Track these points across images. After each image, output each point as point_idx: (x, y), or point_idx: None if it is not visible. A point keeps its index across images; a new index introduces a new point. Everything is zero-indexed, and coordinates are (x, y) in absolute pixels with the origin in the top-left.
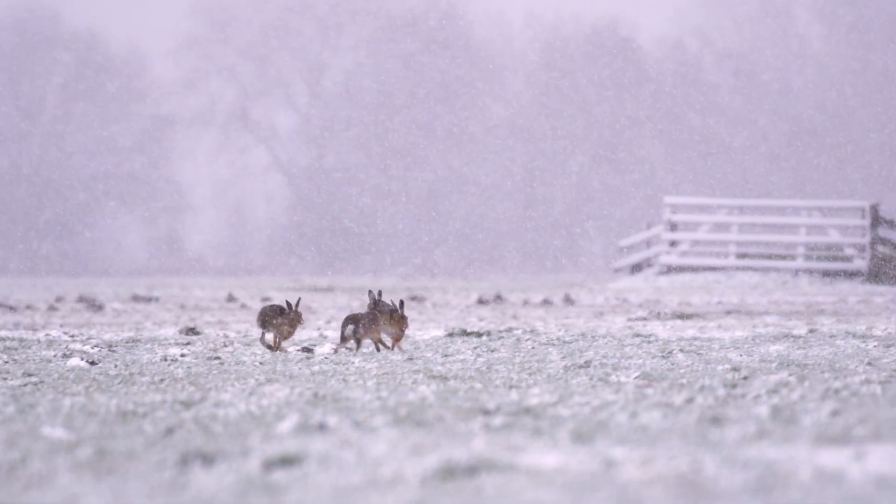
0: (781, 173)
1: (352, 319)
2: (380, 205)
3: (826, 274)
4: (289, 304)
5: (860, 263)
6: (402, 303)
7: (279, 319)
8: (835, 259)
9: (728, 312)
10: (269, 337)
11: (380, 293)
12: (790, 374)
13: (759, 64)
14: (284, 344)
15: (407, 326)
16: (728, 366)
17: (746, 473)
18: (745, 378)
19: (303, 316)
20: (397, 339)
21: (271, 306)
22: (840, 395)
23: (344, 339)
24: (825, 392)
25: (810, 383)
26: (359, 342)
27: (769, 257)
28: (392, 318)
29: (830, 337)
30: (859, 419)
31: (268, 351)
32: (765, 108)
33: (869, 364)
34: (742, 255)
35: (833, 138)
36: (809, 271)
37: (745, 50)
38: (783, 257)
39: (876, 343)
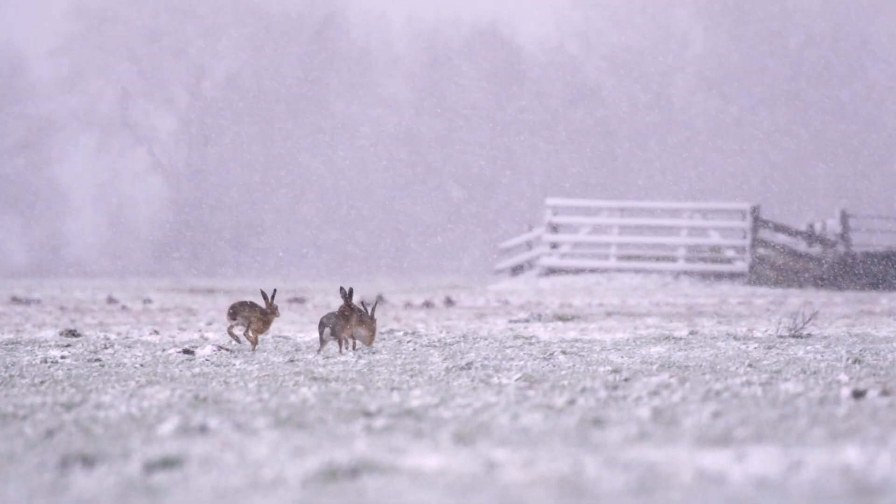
0: (663, 175)
1: (325, 322)
2: (261, 207)
3: (707, 276)
4: (265, 295)
5: (741, 265)
6: (375, 305)
7: (248, 312)
8: (716, 261)
9: (609, 314)
10: (237, 330)
11: (350, 291)
12: (671, 376)
13: (641, 65)
14: (260, 336)
15: (376, 329)
16: (609, 367)
17: (628, 475)
18: (626, 380)
19: (278, 309)
20: (369, 341)
21: (241, 301)
22: (721, 396)
23: (322, 342)
24: (706, 394)
25: (691, 385)
26: (340, 341)
27: (650, 259)
28: (363, 321)
29: (711, 339)
30: (740, 421)
31: (149, 352)
32: (646, 109)
33: (750, 366)
34: (623, 257)
35: (714, 140)
36: (690, 273)
37: (627, 51)
38: (664, 259)
39: (756, 345)
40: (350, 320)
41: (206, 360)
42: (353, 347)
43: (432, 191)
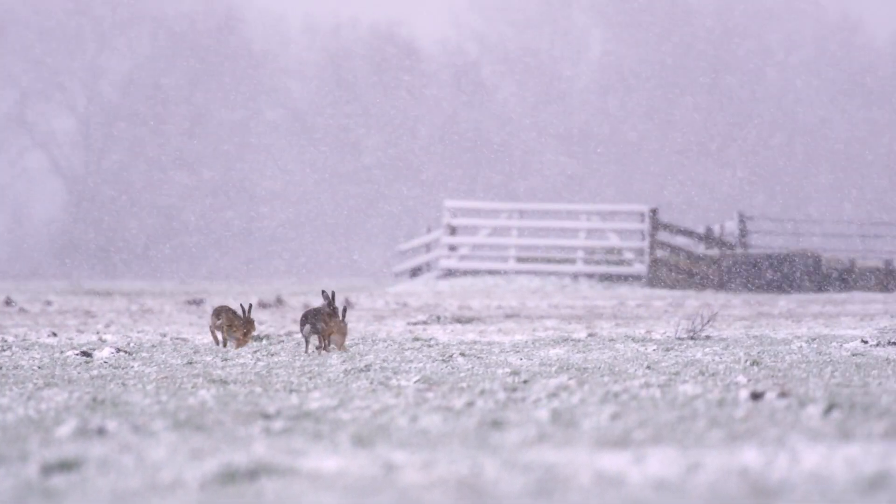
0: (561, 177)
1: (312, 321)
2: (158, 209)
3: (606, 278)
4: (243, 308)
5: (639, 267)
6: (345, 309)
7: (231, 315)
8: (614, 263)
9: (508, 316)
10: (220, 335)
11: (333, 294)
12: (570, 378)
13: (539, 67)
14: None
15: (347, 331)
16: (508, 369)
17: (527, 477)
18: (525, 382)
19: (255, 323)
20: (340, 343)
21: (226, 307)
22: (620, 398)
23: (306, 340)
24: (605, 396)
25: (590, 387)
26: (321, 339)
27: (549, 261)
28: (335, 322)
29: (610, 340)
30: (639, 422)
31: (47, 354)
32: (545, 111)
33: (648, 368)
34: (522, 259)
35: (613, 142)
36: (589, 275)
37: (525, 53)
38: (563, 261)
39: (655, 347)
40: (335, 319)
41: (105, 362)
42: (327, 348)
43: (331, 192)
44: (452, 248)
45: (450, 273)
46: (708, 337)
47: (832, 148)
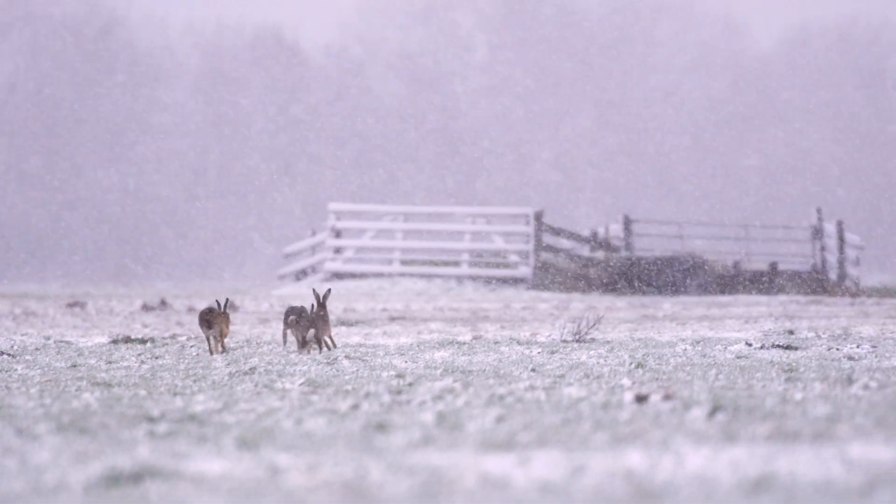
0: (447, 180)
1: (306, 323)
2: (42, 211)
3: (491, 280)
4: (219, 304)
5: (524, 270)
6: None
7: (220, 318)
8: (499, 266)
9: (393, 319)
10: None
11: (324, 295)
12: (455, 381)
13: (424, 70)
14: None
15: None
16: (393, 372)
17: (412, 479)
18: (410, 384)
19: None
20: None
21: (210, 307)
22: (505, 401)
23: (306, 342)
24: (490, 398)
25: (475, 390)
26: (319, 342)
27: (434, 264)
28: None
29: (495, 343)
30: (524, 425)
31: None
32: (431, 113)
33: (533, 370)
34: (407, 262)
35: (499, 145)
36: (474, 278)
37: (410, 56)
38: (448, 264)
39: (540, 349)
40: (328, 321)
41: None
42: (311, 349)
43: (217, 195)
44: (337, 250)
45: (335, 276)
46: (593, 339)
47: (716, 151)
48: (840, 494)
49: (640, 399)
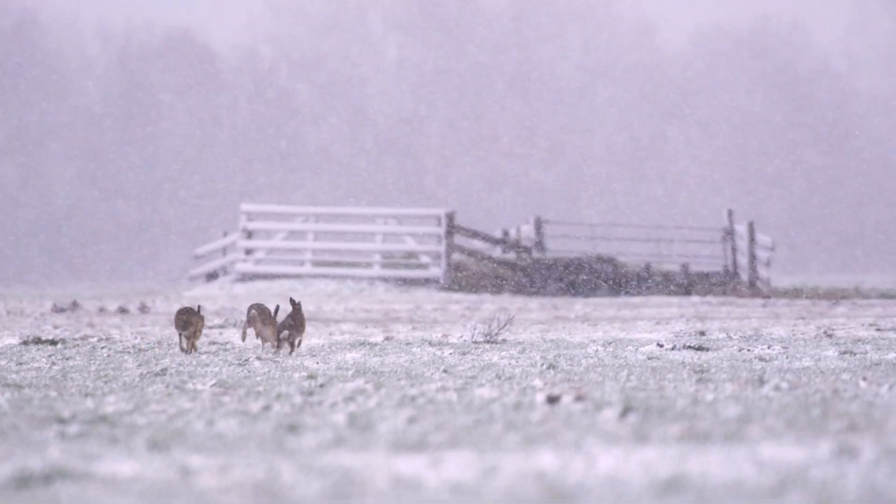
0: (359, 181)
1: (284, 325)
2: None
3: (402, 281)
4: (199, 308)
5: (436, 271)
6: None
7: (195, 319)
8: (411, 267)
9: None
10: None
11: (299, 303)
12: (367, 382)
13: (336, 71)
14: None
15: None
16: (305, 373)
17: (323, 481)
18: (321, 386)
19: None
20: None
21: (188, 308)
22: (416, 402)
23: (280, 341)
24: (402, 399)
25: (387, 391)
26: (292, 344)
27: (346, 265)
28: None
29: (406, 344)
30: (435, 426)
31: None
32: (343, 114)
33: (445, 371)
34: (319, 263)
35: (410, 145)
36: (386, 279)
37: (320, 57)
38: (360, 265)
39: (452, 350)
40: (303, 324)
41: None
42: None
43: (127, 196)
44: (248, 251)
45: (246, 277)
46: (504, 341)
47: (628, 153)
48: (751, 495)
49: (552, 400)
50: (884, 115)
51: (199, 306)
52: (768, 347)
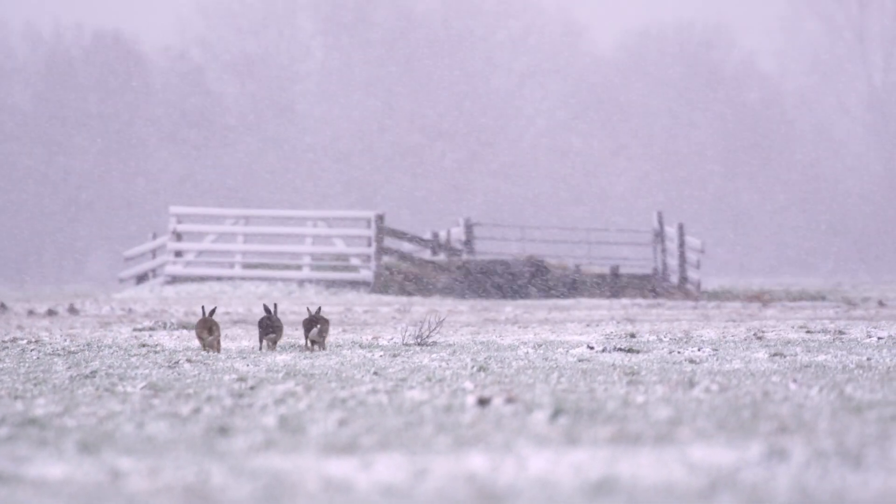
0: (289, 183)
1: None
2: None
3: (333, 284)
4: (212, 311)
5: (366, 273)
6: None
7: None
8: (341, 269)
9: (235, 322)
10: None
11: (275, 306)
12: (297, 384)
13: (265, 73)
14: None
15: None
16: (235, 376)
17: (254, 483)
18: (252, 388)
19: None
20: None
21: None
22: (347, 404)
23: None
24: (332, 402)
25: (317, 393)
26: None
27: (276, 267)
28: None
29: (337, 347)
30: (366, 428)
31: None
32: (272, 116)
33: (375, 374)
34: (248, 265)
35: (339, 148)
36: (316, 281)
37: (249, 59)
38: (290, 267)
39: (382, 353)
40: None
41: None
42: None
43: (57, 198)
44: (178, 254)
45: (176, 279)
46: (435, 343)
47: (558, 154)
48: (681, 497)
49: (483, 402)
50: (811, 114)
51: (213, 310)
52: (698, 350)
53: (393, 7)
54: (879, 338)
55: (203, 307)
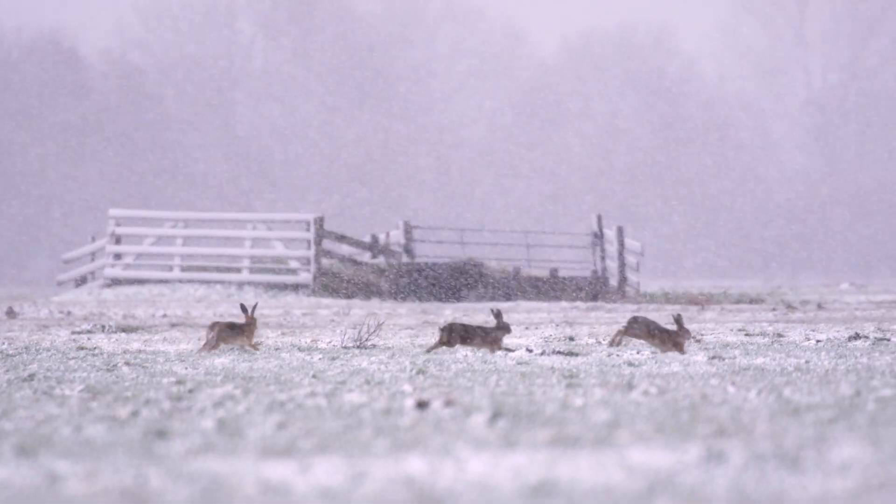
0: (228, 186)
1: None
2: None
3: (272, 286)
4: (244, 308)
5: (305, 276)
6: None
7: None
8: (280, 272)
9: (174, 325)
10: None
11: (255, 307)
12: (235, 387)
13: (204, 75)
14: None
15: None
16: (174, 379)
17: (192, 487)
18: (190, 391)
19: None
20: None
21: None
22: (286, 407)
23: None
24: (271, 405)
25: (256, 396)
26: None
27: (215, 270)
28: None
29: (276, 350)
30: (305, 431)
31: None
32: (212, 118)
33: (314, 377)
34: (188, 268)
35: (281, 152)
36: (255, 284)
37: (189, 62)
38: (229, 270)
39: (321, 356)
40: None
41: None
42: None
43: None
44: (117, 256)
45: (115, 282)
46: (374, 346)
47: (499, 158)
48: (620, 499)
49: (422, 405)
50: (750, 117)
51: (255, 305)
52: (637, 352)
53: (334, 10)
54: (818, 340)
55: (242, 305)
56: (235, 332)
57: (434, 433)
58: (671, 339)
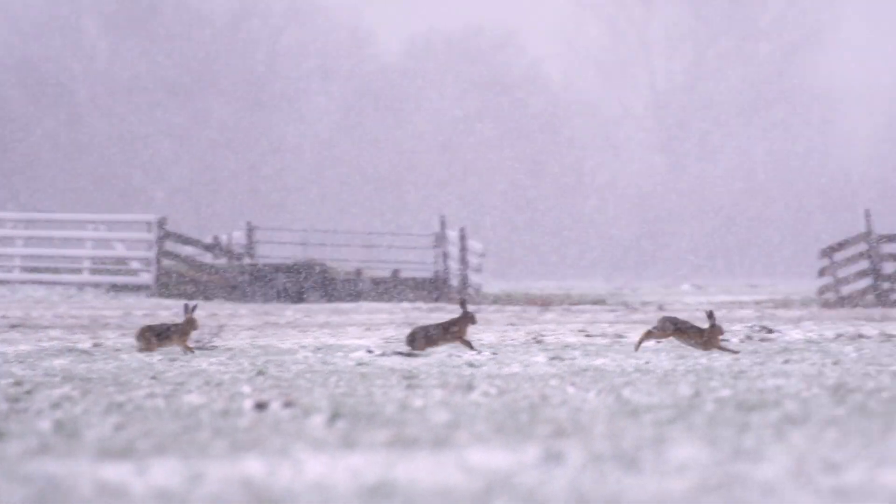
0: (72, 186)
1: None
2: None
3: (113, 288)
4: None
5: (147, 277)
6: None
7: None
8: (121, 273)
9: (13, 326)
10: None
11: (194, 307)
12: (73, 388)
13: (48, 75)
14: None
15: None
16: (11, 380)
17: (28, 488)
18: (28, 392)
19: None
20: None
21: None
22: (124, 408)
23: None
24: (109, 406)
25: (94, 397)
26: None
27: (56, 271)
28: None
29: (115, 351)
30: (143, 433)
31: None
32: (57, 120)
33: (153, 378)
34: (28, 269)
35: (125, 151)
36: (96, 285)
37: (32, 61)
38: (69, 271)
39: (160, 357)
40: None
41: None
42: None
43: None
44: None
45: None
46: (214, 347)
47: (341, 158)
48: (458, 500)
49: (261, 406)
50: (596, 118)
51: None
52: (478, 353)
53: (179, 8)
54: (658, 341)
55: (186, 304)
56: (163, 338)
57: (272, 434)
58: (705, 336)
